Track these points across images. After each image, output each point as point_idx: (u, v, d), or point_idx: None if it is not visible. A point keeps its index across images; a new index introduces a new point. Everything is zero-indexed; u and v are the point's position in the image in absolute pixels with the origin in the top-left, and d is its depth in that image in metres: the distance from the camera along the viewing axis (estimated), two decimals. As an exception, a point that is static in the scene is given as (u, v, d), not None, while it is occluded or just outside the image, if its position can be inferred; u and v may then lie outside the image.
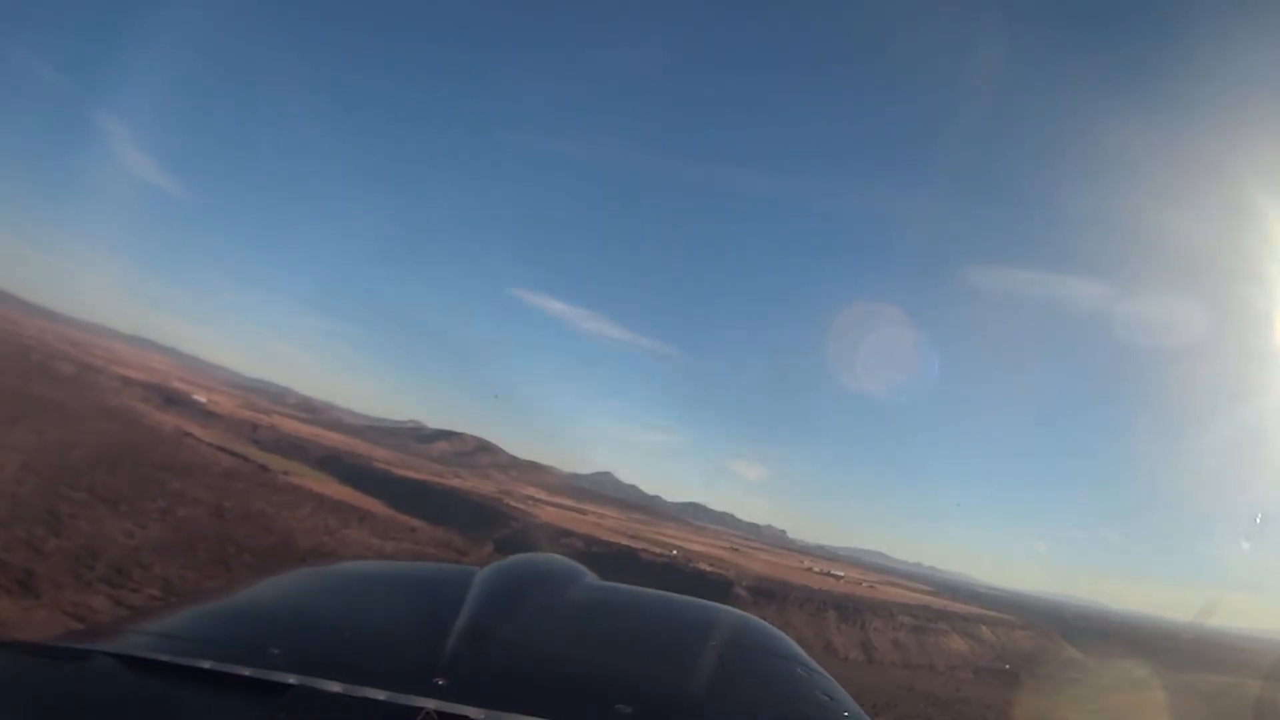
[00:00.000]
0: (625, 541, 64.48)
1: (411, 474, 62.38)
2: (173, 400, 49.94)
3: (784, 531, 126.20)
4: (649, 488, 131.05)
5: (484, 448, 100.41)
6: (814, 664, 2.53)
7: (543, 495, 79.76)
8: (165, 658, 1.68)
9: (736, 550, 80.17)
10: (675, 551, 65.99)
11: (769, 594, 56.40)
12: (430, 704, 1.51)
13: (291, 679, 1.57)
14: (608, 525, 73.27)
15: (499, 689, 1.71)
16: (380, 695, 1.54)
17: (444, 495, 57.59)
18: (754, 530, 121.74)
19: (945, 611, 61.09)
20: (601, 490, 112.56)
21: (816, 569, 76.92)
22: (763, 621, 3.10)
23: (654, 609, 3.02)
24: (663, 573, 56.47)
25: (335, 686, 1.56)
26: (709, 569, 61.45)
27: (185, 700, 1.59)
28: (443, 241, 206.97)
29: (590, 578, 3.01)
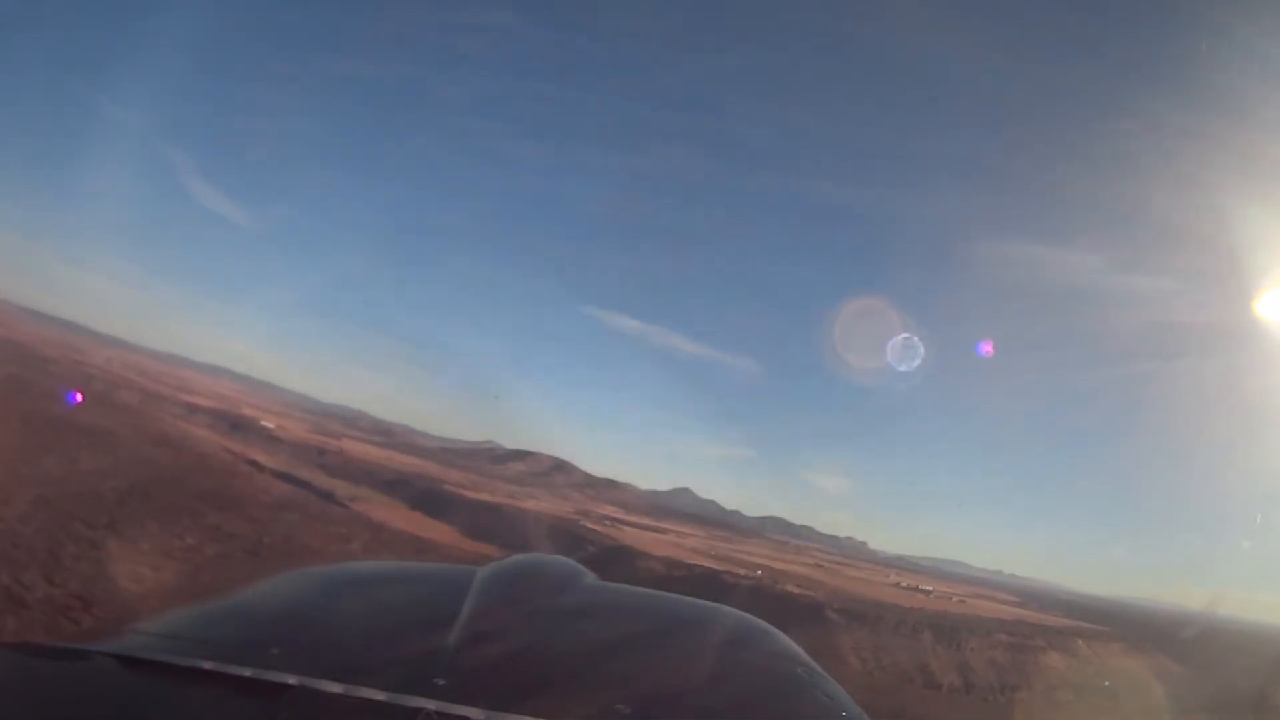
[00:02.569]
0: (708, 563, 61.30)
1: (484, 496, 60.67)
2: (238, 426, 49.26)
3: (865, 543, 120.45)
4: (728, 502, 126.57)
5: (559, 466, 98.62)
6: (814, 664, 2.50)
7: (620, 514, 77.43)
8: (165, 658, 1.69)
9: (821, 567, 76.46)
10: (760, 572, 63.19)
11: (861, 616, 53.35)
12: (430, 704, 1.52)
13: (291, 679, 1.58)
14: (688, 545, 70.39)
15: (499, 689, 1.70)
16: (380, 695, 1.54)
17: (517, 518, 55.70)
18: (835, 543, 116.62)
19: (1039, 626, 57.14)
20: (680, 506, 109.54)
21: (904, 584, 72.36)
22: (762, 621, 3.00)
23: (653, 609, 3.01)
24: (748, 596, 53.67)
25: (335, 686, 1.56)
26: (797, 590, 58.36)
27: (185, 700, 1.61)
28: (513, 263, 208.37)
29: (590, 578, 3.01)
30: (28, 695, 1.56)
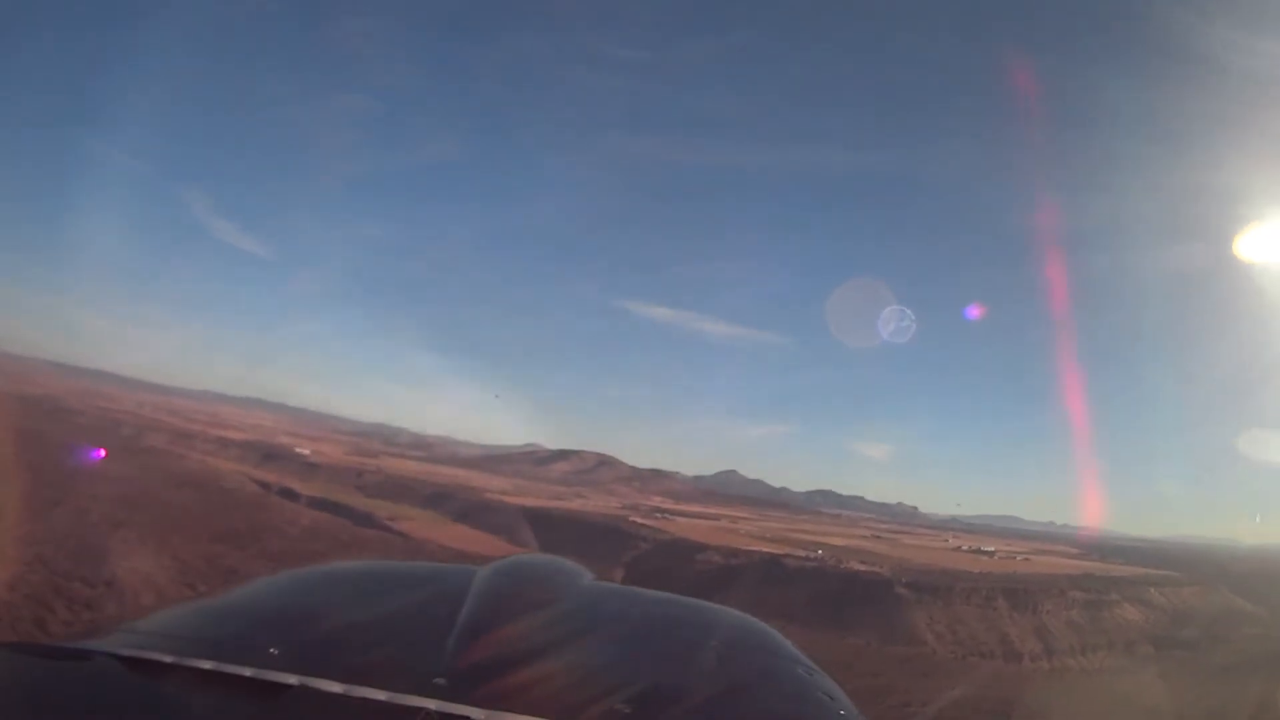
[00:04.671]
0: (766, 547, 59.37)
1: (529, 501, 59.44)
2: (271, 456, 48.53)
3: (915, 508, 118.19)
4: (775, 480, 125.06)
5: (604, 462, 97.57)
6: (812, 664, 2.52)
7: (669, 504, 75.93)
8: (165, 658, 1.69)
9: (879, 538, 74.63)
10: (820, 551, 61.08)
11: (931, 588, 51.19)
12: (430, 704, 1.53)
13: (291, 679, 1.58)
14: (743, 530, 68.49)
15: (499, 689, 1.71)
16: (380, 695, 1.55)
17: (564, 521, 54.20)
18: (886, 510, 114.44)
19: (1108, 578, 56.46)
20: (728, 489, 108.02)
21: (964, 547, 71.81)
22: (760, 621, 3.03)
23: (653, 609, 3.00)
24: (813, 579, 51.87)
25: (335, 686, 1.57)
26: (862, 568, 56.32)
27: (185, 700, 1.60)
28: (539, 265, 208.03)
29: (589, 578, 3.01)
30: (26, 694, 1.56)
